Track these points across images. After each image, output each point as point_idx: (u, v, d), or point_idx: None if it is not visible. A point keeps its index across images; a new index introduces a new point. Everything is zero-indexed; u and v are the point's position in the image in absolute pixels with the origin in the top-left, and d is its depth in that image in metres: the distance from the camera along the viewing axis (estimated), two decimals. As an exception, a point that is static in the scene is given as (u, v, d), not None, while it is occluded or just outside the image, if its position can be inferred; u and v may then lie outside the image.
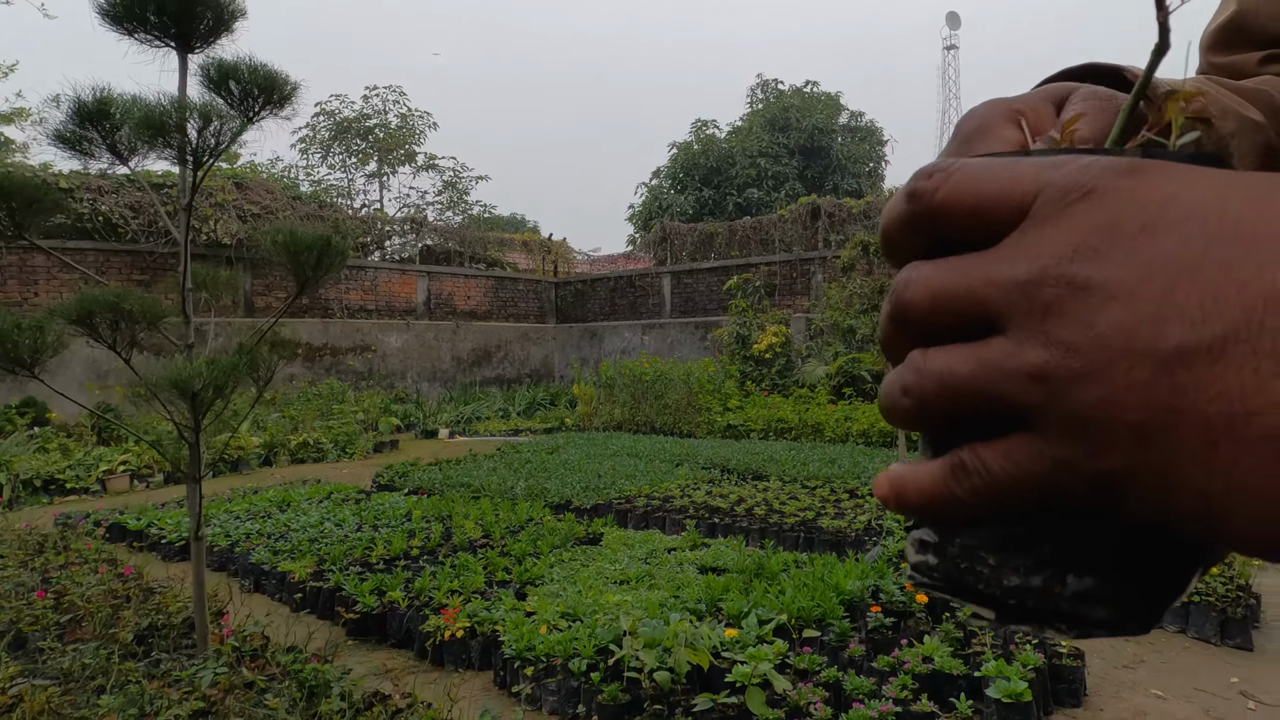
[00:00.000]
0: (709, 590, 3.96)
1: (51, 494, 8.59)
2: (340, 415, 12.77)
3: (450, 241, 19.71)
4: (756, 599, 3.85)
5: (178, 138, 2.92)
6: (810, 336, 15.24)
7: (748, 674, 2.94)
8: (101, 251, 13.06)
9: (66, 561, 4.80)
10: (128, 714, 2.62)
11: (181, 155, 2.97)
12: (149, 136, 2.87)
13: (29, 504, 8.22)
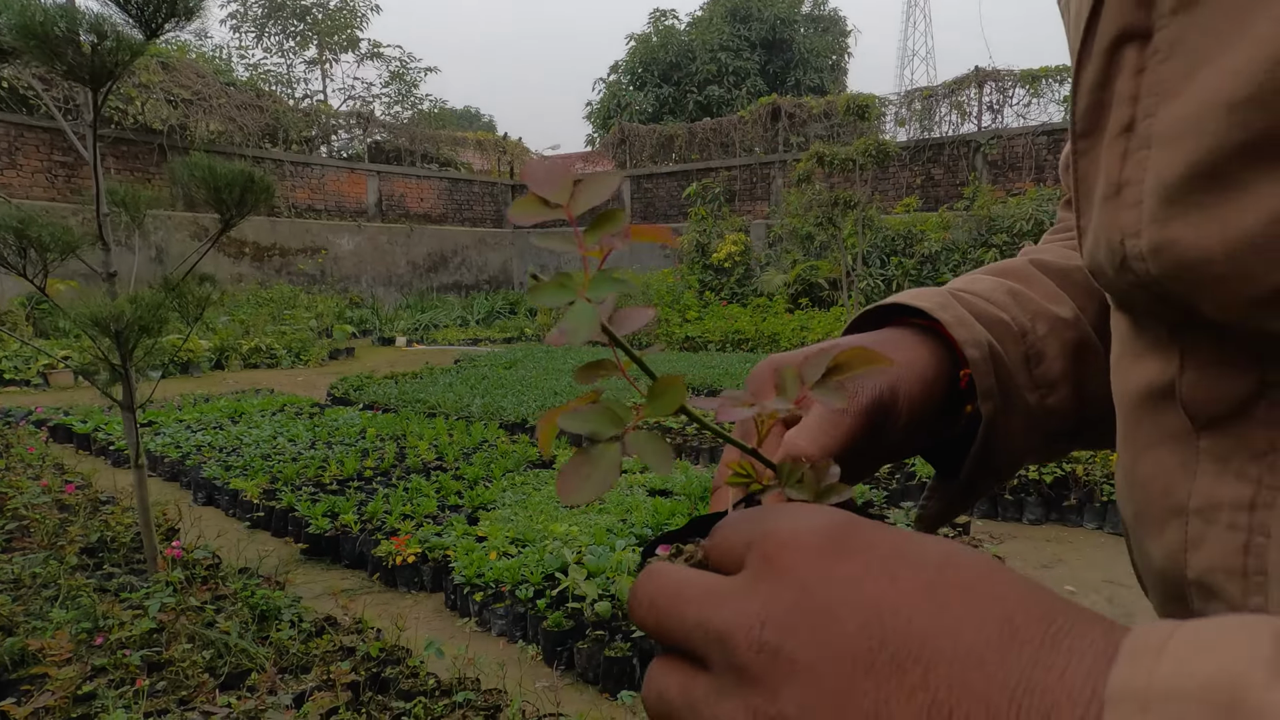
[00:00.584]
0: (656, 515, 4.09)
1: None
2: (293, 321, 12.54)
3: (400, 139, 18.96)
4: (701, 521, 3.99)
5: (70, 53, 2.71)
6: (769, 244, 15.23)
7: (688, 598, 3.08)
8: (13, 125, 12.03)
9: (8, 465, 4.75)
10: (80, 626, 2.67)
11: (75, 74, 2.76)
12: (33, 47, 2.65)
13: None
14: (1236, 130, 0.28)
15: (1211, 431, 0.37)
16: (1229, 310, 0.32)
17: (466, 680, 2.49)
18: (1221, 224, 0.30)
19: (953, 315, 0.50)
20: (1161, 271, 0.33)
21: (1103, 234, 0.36)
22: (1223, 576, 0.36)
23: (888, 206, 14.58)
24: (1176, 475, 0.39)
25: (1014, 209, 12.49)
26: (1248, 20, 0.27)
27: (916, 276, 13.01)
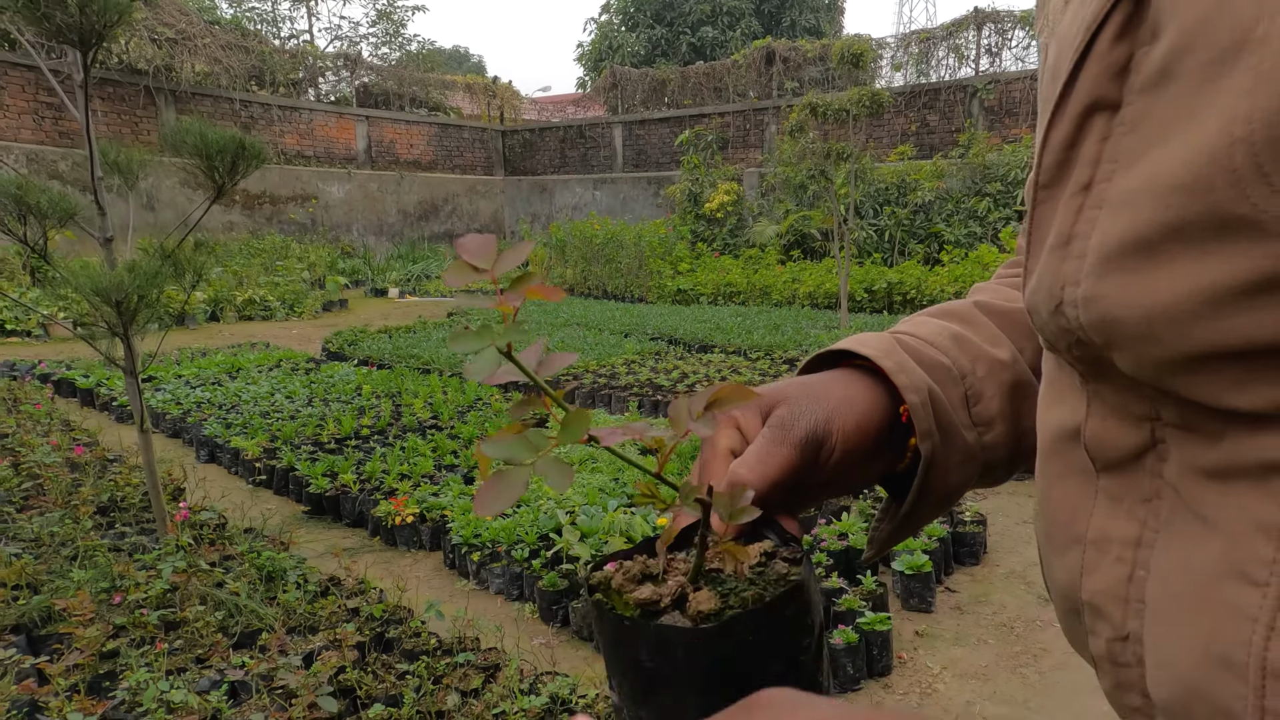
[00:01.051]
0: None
1: None
2: (285, 271, 12.52)
3: (388, 81, 18.59)
4: (690, 480, 4.13)
5: (59, 14, 2.70)
6: (762, 193, 15.15)
7: (676, 557, 3.23)
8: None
9: (18, 424, 4.85)
10: (99, 585, 2.81)
11: (63, 36, 2.75)
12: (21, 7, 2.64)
13: None
14: (1171, 210, 0.31)
15: (1109, 473, 0.41)
16: (1137, 367, 0.35)
17: (466, 640, 2.64)
18: (1143, 290, 0.33)
19: (894, 362, 0.54)
20: (1088, 321, 0.36)
21: (1046, 279, 0.39)
22: (1109, 600, 0.41)
23: (882, 154, 14.47)
24: (1079, 507, 0.43)
25: (1009, 156, 12.41)
26: (1199, 111, 0.30)
27: (909, 226, 13.01)
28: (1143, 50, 0.33)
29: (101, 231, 3.15)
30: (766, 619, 0.40)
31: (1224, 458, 0.34)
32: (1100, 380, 0.40)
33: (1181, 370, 0.33)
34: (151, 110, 13.67)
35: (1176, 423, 0.37)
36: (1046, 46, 0.44)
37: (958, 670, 2.85)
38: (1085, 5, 0.36)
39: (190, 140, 3.02)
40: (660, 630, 0.40)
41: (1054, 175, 0.38)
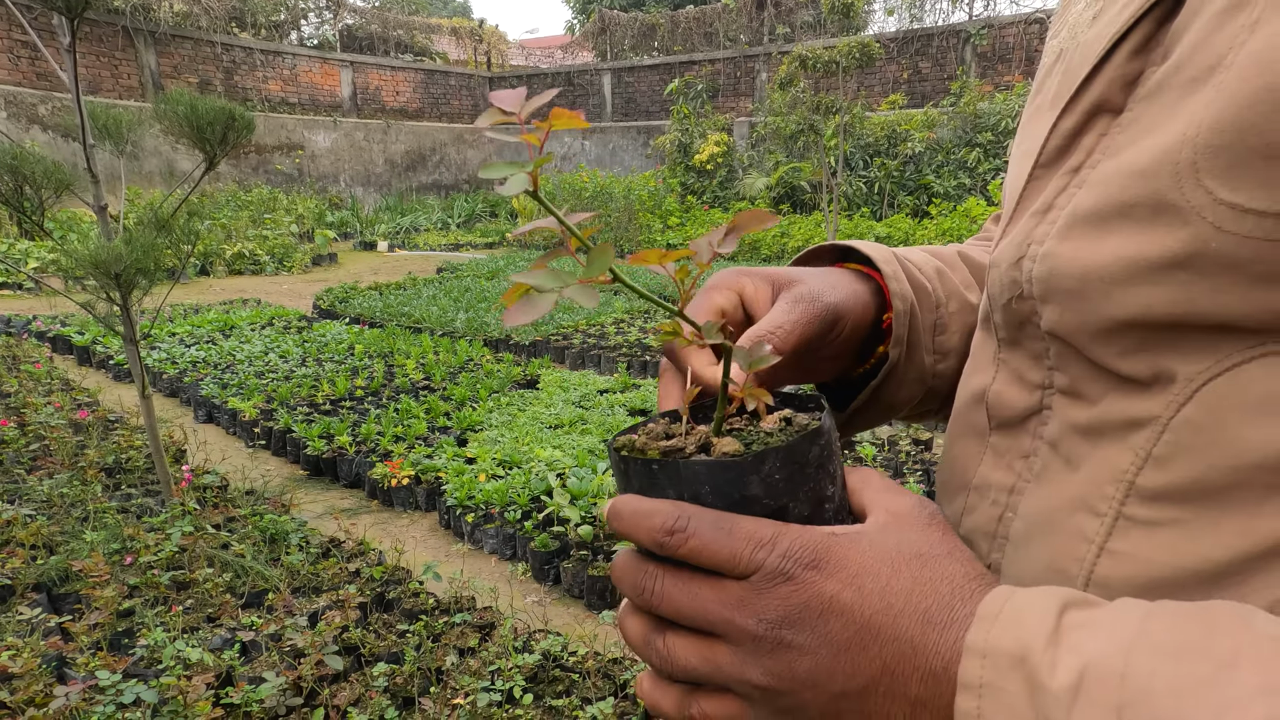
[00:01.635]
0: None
1: None
2: (274, 225, 12.45)
3: (372, 24, 18.17)
4: (676, 441, 4.28)
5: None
6: (752, 144, 15.04)
7: (661, 518, 3.39)
8: None
9: (20, 385, 4.95)
10: (110, 547, 2.95)
11: (50, 2, 2.77)
12: None
13: None
14: (1127, 191, 0.37)
15: (999, 431, 0.48)
16: (1059, 322, 0.41)
17: (463, 599, 2.80)
18: (1088, 253, 0.39)
19: (891, 270, 0.60)
20: (1038, 274, 0.42)
21: (1019, 236, 0.45)
22: (980, 536, 0.48)
23: (873, 102, 14.36)
24: (970, 459, 0.51)
25: (1000, 105, 12.35)
26: (1173, 117, 0.36)
27: (899, 178, 13.00)
28: (1152, 69, 0.38)
29: (96, 199, 3.20)
30: (790, 457, 0.41)
31: (1097, 417, 0.40)
32: (1012, 348, 0.47)
33: (1091, 329, 0.39)
34: (130, 52, 13.37)
35: (1065, 389, 0.43)
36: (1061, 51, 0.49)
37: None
38: (1110, 23, 0.41)
39: (181, 111, 3.05)
40: (689, 467, 0.41)
41: (1053, 157, 0.44)
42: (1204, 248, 0.34)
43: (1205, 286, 0.34)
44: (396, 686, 2.27)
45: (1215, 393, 0.35)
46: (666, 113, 16.49)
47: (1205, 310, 0.35)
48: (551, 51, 24.75)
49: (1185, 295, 0.35)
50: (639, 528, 0.41)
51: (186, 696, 1.85)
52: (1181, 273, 0.35)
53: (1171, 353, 0.37)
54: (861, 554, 0.40)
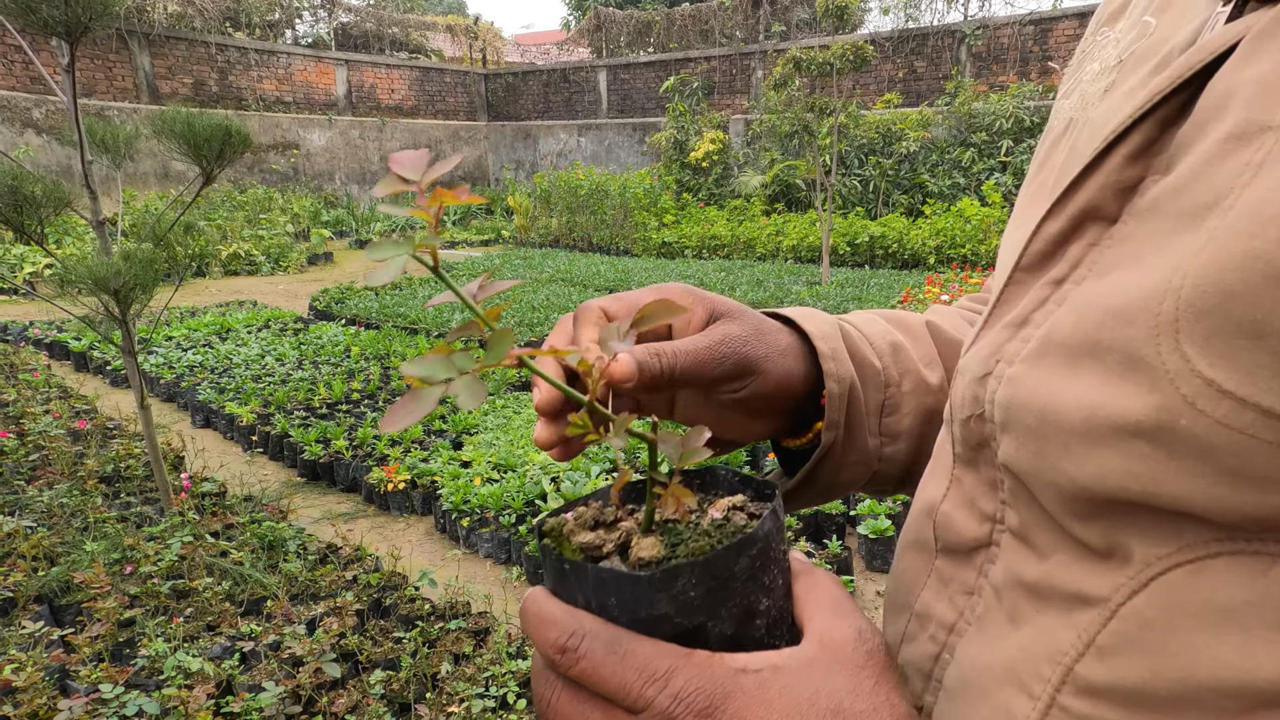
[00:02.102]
0: (630, 440, 4.43)
1: None
2: (269, 225, 12.47)
3: (367, 22, 18.16)
4: (669, 445, 4.33)
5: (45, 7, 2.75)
6: (748, 142, 15.08)
7: (653, 522, 3.44)
8: None
9: (19, 394, 4.99)
10: (110, 557, 3.00)
11: (51, 29, 2.81)
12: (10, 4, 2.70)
13: None
14: (1101, 330, 0.32)
15: (945, 556, 0.44)
16: (1015, 456, 0.37)
17: (458, 605, 2.86)
18: (1051, 390, 0.34)
19: (829, 347, 0.55)
20: (1000, 398, 0.38)
21: (989, 347, 0.41)
22: (915, 673, 0.44)
23: (868, 101, 14.40)
24: (916, 579, 0.46)
25: (995, 105, 12.40)
26: (1161, 252, 0.31)
27: (894, 177, 13.05)
28: (1154, 179, 0.34)
29: (95, 214, 3.24)
30: (710, 572, 0.37)
31: (1044, 577, 0.36)
32: (967, 467, 0.43)
33: (1045, 478, 0.35)
34: (125, 54, 13.36)
35: (1015, 529, 0.39)
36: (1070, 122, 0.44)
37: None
38: (1116, 109, 0.37)
39: (178, 128, 3.09)
40: (597, 573, 0.37)
41: (1035, 262, 0.40)
42: (1173, 422, 0.29)
43: (1170, 467, 0.29)
44: (393, 693, 2.33)
45: (1172, 586, 0.31)
46: (662, 110, 16.51)
47: (1167, 493, 0.30)
48: (547, 48, 24.74)
49: (1146, 470, 0.30)
50: (537, 637, 0.38)
51: (188, 707, 1.90)
52: (1145, 444, 0.30)
53: (1129, 528, 0.32)
54: (768, 703, 0.36)
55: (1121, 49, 0.43)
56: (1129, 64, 0.41)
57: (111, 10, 2.81)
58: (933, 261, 10.60)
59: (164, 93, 13.77)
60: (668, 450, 0.40)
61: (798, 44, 13.48)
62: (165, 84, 13.82)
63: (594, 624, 0.37)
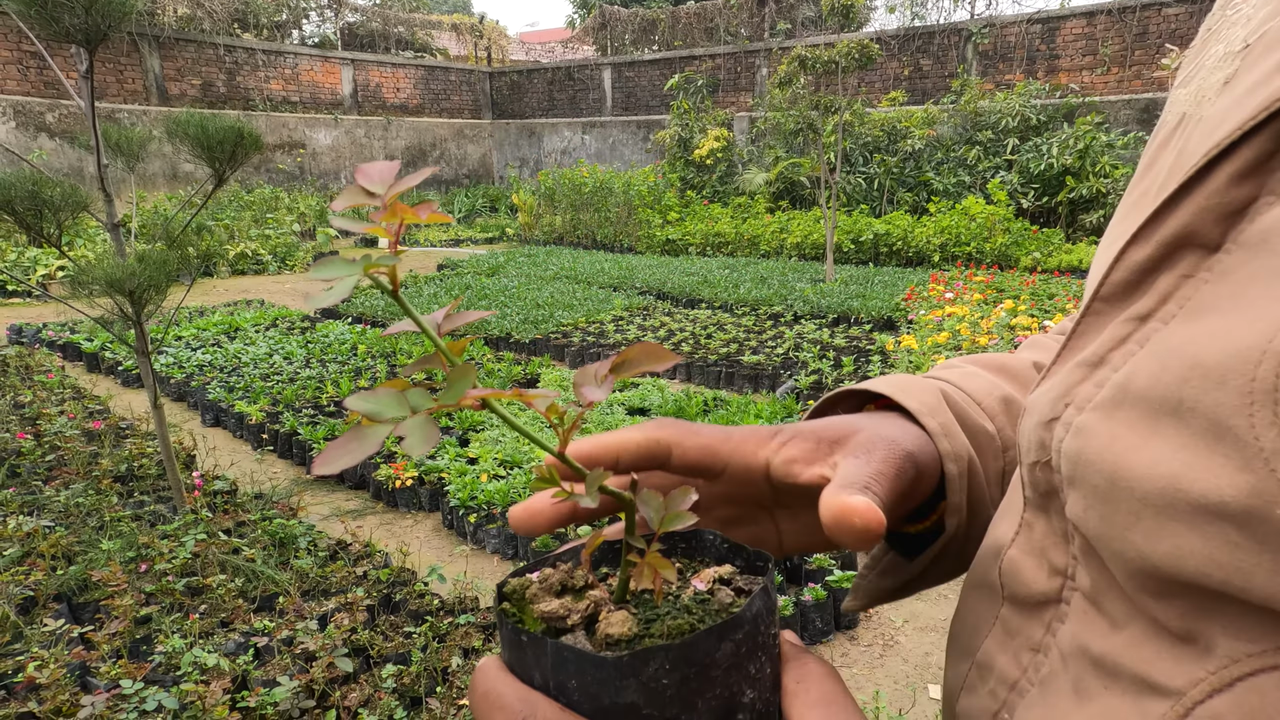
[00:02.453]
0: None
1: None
2: (276, 224, 12.55)
3: (373, 21, 18.22)
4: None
5: (66, 17, 2.81)
6: (753, 139, 15.09)
7: (659, 520, 3.48)
8: None
9: (34, 397, 5.06)
10: (126, 555, 3.06)
11: (70, 37, 2.86)
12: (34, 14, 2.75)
13: None
14: (1186, 388, 0.28)
15: (1011, 604, 0.40)
16: (1082, 517, 0.33)
17: (466, 600, 2.91)
18: (1125, 449, 0.30)
19: (939, 423, 0.48)
20: (1067, 449, 0.34)
21: (1059, 387, 0.36)
22: None
23: (874, 99, 14.40)
24: (980, 623, 0.42)
25: (1001, 104, 12.40)
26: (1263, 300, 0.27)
27: (899, 174, 13.05)
28: (1268, 200, 0.28)
29: (110, 218, 3.30)
30: (686, 658, 0.32)
31: (1113, 652, 0.32)
32: (1037, 513, 0.38)
33: (1115, 546, 0.31)
34: (135, 58, 13.47)
35: (1086, 591, 0.35)
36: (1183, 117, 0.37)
37: (918, 624, 3.10)
38: (1231, 112, 0.31)
39: (191, 132, 3.14)
40: (557, 650, 0.33)
41: (1117, 293, 0.35)
42: (1266, 510, 0.25)
43: (1263, 560, 0.25)
44: (404, 687, 2.38)
45: (1262, 692, 0.26)
46: (667, 107, 16.54)
47: (1258, 588, 0.26)
48: (551, 46, 24.77)
49: (1232, 560, 0.26)
50: (482, 715, 0.35)
51: (205, 701, 1.95)
52: (1232, 530, 0.26)
53: (1212, 616, 0.28)
54: None
55: (1250, 30, 0.34)
56: (1256, 50, 0.32)
57: (128, 16, 2.86)
58: (937, 259, 10.62)
59: (173, 94, 13.87)
60: (647, 513, 0.37)
61: (803, 42, 13.49)
62: (174, 85, 13.92)
63: (549, 710, 0.33)
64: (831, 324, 7.49)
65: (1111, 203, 10.93)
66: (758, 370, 5.92)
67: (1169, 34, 11.82)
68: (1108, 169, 11.03)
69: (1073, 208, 11.55)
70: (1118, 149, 11.32)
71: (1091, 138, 11.13)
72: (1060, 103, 12.19)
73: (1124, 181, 10.80)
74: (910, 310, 7.45)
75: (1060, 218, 11.67)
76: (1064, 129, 11.74)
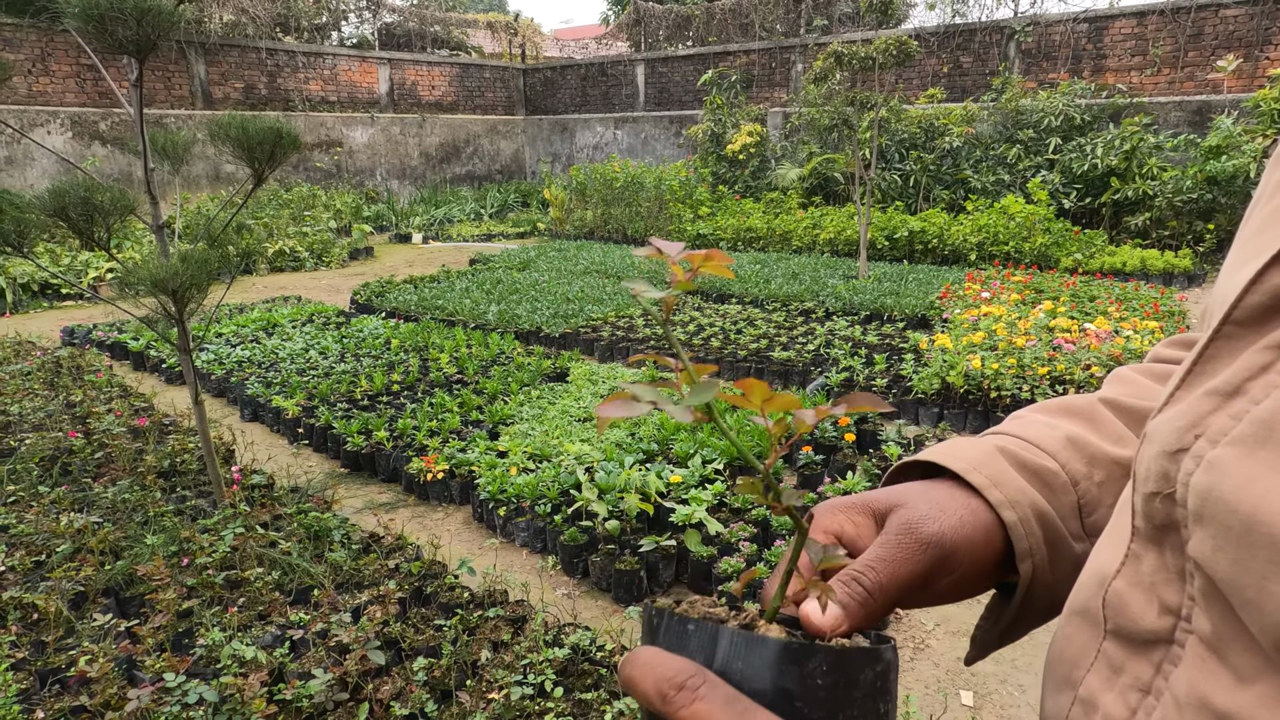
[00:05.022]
0: (661, 431, 4.48)
1: (49, 298, 9.07)
2: (313, 221, 12.75)
3: (410, 21, 18.41)
4: (703, 439, 4.37)
5: (119, 29, 2.89)
6: (786, 135, 14.98)
7: (687, 516, 3.49)
8: (43, 32, 12.19)
9: (84, 396, 5.22)
10: (168, 549, 3.15)
11: (123, 48, 2.94)
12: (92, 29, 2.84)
13: (31, 308, 8.80)
14: None
15: (1115, 640, 0.38)
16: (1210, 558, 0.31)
17: (496, 593, 2.94)
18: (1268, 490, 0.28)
19: (986, 476, 0.49)
20: (1197, 484, 0.32)
21: (1186, 417, 0.34)
22: None
23: (911, 96, 14.21)
24: (1082, 654, 0.41)
25: (1044, 102, 12.14)
26: None
27: (936, 172, 12.86)
28: None
29: (155, 219, 3.39)
30: (841, 666, 0.36)
31: (1240, 710, 0.29)
32: (1148, 545, 0.36)
33: (1248, 594, 0.28)
34: (182, 64, 13.87)
35: (1206, 637, 0.32)
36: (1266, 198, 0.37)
37: (950, 627, 3.07)
38: None
39: (232, 133, 3.21)
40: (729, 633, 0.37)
41: (1253, 318, 0.33)
42: None
43: None
44: (435, 680, 2.41)
45: None
46: (699, 103, 16.48)
47: None
48: (585, 43, 24.82)
49: None
50: (646, 677, 0.36)
51: (243, 694, 2.00)
52: None
53: None
54: None
55: None
56: None
57: (176, 25, 2.94)
58: (974, 258, 10.45)
59: (217, 98, 14.22)
60: (812, 550, 0.42)
61: (839, 38, 13.33)
62: (218, 89, 14.26)
63: (715, 676, 0.35)
64: (864, 321, 7.42)
65: (1159, 205, 10.63)
66: (788, 366, 5.88)
67: (1226, 35, 11.48)
68: (1155, 171, 10.73)
69: (1117, 209, 11.27)
70: (1167, 151, 11.01)
71: (1139, 139, 10.84)
72: (1106, 102, 11.90)
73: (1172, 185, 10.49)
74: (945, 309, 7.35)
75: (1104, 219, 11.40)
76: (1109, 129, 11.46)
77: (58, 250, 9.80)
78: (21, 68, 11.96)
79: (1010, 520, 0.48)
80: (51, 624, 2.62)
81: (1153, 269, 9.35)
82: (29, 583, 2.89)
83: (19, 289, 8.82)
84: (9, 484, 3.81)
